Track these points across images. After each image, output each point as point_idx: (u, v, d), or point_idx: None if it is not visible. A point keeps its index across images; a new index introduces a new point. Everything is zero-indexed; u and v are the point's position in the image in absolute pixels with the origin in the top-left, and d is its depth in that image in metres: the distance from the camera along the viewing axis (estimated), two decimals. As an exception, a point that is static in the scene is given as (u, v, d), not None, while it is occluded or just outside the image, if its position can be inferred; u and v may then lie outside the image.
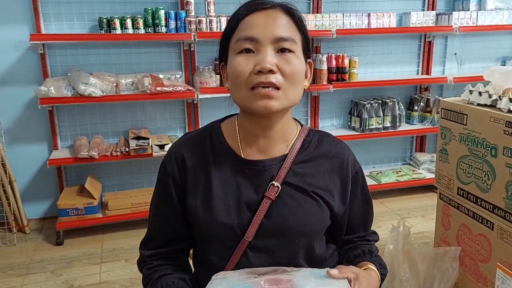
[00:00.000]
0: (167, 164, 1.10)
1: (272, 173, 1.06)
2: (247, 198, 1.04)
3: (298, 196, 1.06)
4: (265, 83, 0.96)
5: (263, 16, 0.99)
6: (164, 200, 1.10)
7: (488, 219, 1.86)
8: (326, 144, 1.13)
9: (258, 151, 1.08)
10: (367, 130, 3.78)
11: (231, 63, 1.01)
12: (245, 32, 0.98)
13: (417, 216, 3.55)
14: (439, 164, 2.14)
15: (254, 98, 0.98)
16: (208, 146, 1.09)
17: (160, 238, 1.13)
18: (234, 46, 1.00)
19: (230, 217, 1.03)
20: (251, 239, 1.03)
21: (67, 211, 3.16)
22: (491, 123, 1.80)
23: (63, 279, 2.77)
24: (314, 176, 1.08)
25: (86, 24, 3.24)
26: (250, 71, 0.97)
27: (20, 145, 3.35)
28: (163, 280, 1.08)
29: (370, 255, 1.14)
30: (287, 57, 0.99)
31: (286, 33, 0.99)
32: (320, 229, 1.09)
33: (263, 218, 1.03)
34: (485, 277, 1.90)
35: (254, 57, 0.98)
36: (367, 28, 3.65)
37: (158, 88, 3.15)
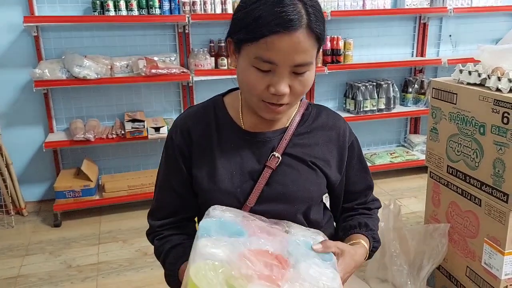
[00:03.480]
0: (173, 136, 1.14)
1: (273, 144, 1.11)
2: (249, 168, 1.10)
3: (297, 165, 1.11)
4: (277, 104, 1.01)
5: (287, 40, 0.93)
6: (173, 170, 1.14)
7: (476, 196, 1.90)
8: (324, 117, 1.18)
9: (260, 124, 1.13)
10: (361, 112, 3.80)
11: (245, 68, 0.99)
12: (267, 54, 0.94)
13: (410, 196, 3.60)
14: (430, 143, 2.17)
15: (264, 110, 1.03)
16: (212, 118, 1.13)
17: (169, 208, 1.17)
18: (252, 58, 0.97)
19: (233, 185, 1.09)
20: (252, 205, 1.08)
21: (64, 193, 3.19)
22: (480, 102, 1.83)
23: (62, 260, 2.81)
24: (312, 147, 1.14)
25: (80, 6, 3.24)
26: (264, 88, 0.99)
27: (15, 129, 3.37)
28: (175, 251, 1.12)
29: (366, 227, 1.19)
30: (302, 78, 1.00)
31: (306, 58, 0.97)
32: (316, 196, 1.14)
33: (264, 186, 1.09)
34: (473, 252, 1.95)
35: (270, 76, 0.97)
36: (362, 9, 3.65)
37: (153, 71, 3.15)
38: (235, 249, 0.87)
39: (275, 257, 0.88)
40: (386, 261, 2.07)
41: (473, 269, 1.96)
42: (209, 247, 0.87)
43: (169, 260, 1.13)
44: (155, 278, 2.57)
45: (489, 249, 1.85)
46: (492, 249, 1.83)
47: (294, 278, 0.83)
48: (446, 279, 2.15)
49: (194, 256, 0.87)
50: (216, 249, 0.86)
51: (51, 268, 2.72)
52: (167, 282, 1.16)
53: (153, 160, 3.65)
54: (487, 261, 1.86)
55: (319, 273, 0.86)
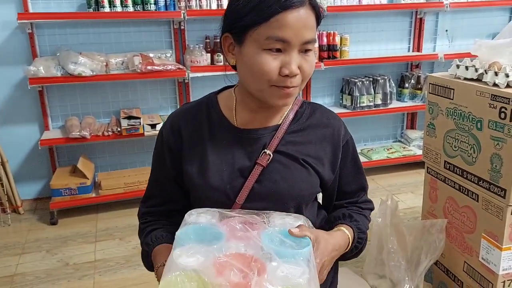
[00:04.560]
0: (163, 132, 1.16)
1: (265, 142, 1.11)
2: (240, 165, 1.10)
3: (288, 163, 1.11)
4: (290, 86, 1.01)
5: (296, 16, 0.96)
6: (159, 165, 1.18)
7: (474, 191, 1.90)
8: (318, 115, 1.17)
9: (253, 121, 1.13)
10: (358, 108, 3.79)
11: (254, 55, 0.99)
12: (279, 32, 0.96)
13: (407, 192, 3.60)
14: (427, 139, 2.16)
15: (274, 94, 1.02)
16: (205, 115, 1.14)
17: (156, 199, 1.21)
18: (262, 41, 0.97)
19: (223, 182, 1.09)
20: (242, 202, 1.08)
21: (60, 191, 3.17)
22: (477, 97, 1.82)
23: (59, 258, 2.80)
24: (304, 145, 1.13)
25: (74, 3, 3.21)
26: (276, 71, 0.99)
27: (11, 126, 3.35)
28: (153, 234, 1.16)
29: (350, 218, 1.17)
30: (308, 57, 1.02)
31: (312, 34, 1.00)
32: (308, 194, 1.13)
33: (254, 183, 1.08)
34: (470, 247, 1.95)
35: (281, 57, 0.98)
36: (358, 4, 3.64)
37: (149, 67, 3.14)
38: (209, 256, 0.86)
39: (251, 260, 0.87)
40: (384, 257, 2.07)
41: (470, 264, 1.96)
42: (183, 257, 0.86)
43: (146, 241, 1.16)
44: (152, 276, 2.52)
45: (486, 245, 1.84)
46: (489, 244, 1.83)
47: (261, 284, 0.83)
48: (443, 275, 2.15)
49: (168, 267, 0.86)
50: (189, 258, 0.86)
51: (48, 266, 2.71)
52: (143, 262, 1.21)
53: (149, 157, 3.58)
54: (484, 256, 1.86)
55: (286, 272, 0.85)
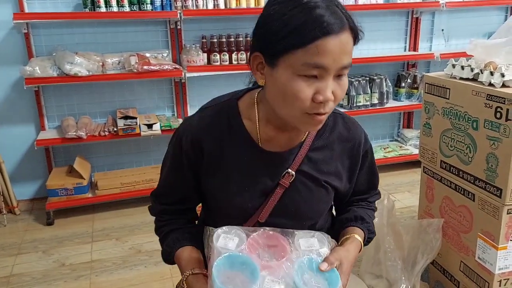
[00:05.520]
0: (183, 141, 1.11)
1: (289, 160, 1.09)
2: (262, 185, 1.09)
3: (310, 185, 1.11)
4: (323, 113, 0.96)
5: (337, 43, 0.91)
6: (177, 171, 1.15)
7: (470, 191, 1.90)
8: (341, 127, 1.15)
9: (277, 139, 1.10)
10: (354, 107, 3.80)
11: (288, 81, 0.93)
12: (318, 59, 0.90)
13: (404, 191, 3.61)
14: (423, 138, 2.17)
15: (307, 122, 0.98)
16: (226, 129, 1.09)
17: (171, 198, 1.20)
18: (298, 66, 0.92)
19: (245, 201, 1.09)
20: (263, 220, 1.10)
21: (57, 191, 3.17)
22: (473, 97, 1.83)
23: (55, 258, 2.79)
24: (327, 163, 1.12)
25: (70, 3, 3.20)
26: (310, 98, 0.94)
27: (7, 127, 3.33)
28: (174, 235, 1.17)
29: (362, 221, 1.21)
30: (342, 82, 0.97)
31: (349, 59, 0.95)
32: (323, 212, 1.17)
33: (276, 203, 1.10)
34: (466, 247, 1.95)
35: (316, 83, 0.93)
36: (354, 4, 3.64)
37: (145, 67, 3.13)
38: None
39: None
40: (381, 256, 2.07)
41: (467, 263, 1.96)
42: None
43: (167, 242, 1.17)
44: (149, 276, 2.56)
45: (482, 244, 1.85)
46: (485, 243, 1.83)
47: None
48: (440, 274, 2.15)
49: None
50: None
51: (44, 267, 2.71)
52: (163, 259, 1.21)
53: (146, 157, 3.63)
54: (481, 255, 1.87)
55: None
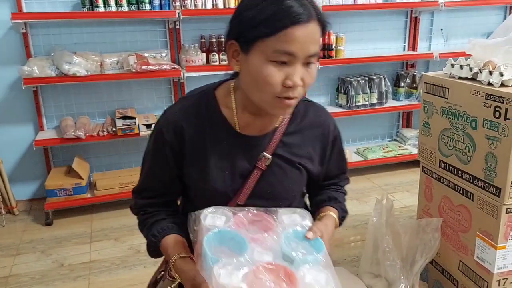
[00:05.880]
0: (164, 131, 1.16)
1: (264, 145, 1.17)
2: (240, 168, 1.17)
3: (285, 167, 1.19)
4: (292, 97, 1.04)
5: (305, 31, 0.99)
6: (160, 162, 1.19)
7: (469, 190, 1.90)
8: (312, 114, 1.23)
9: (253, 125, 1.17)
10: (354, 107, 3.80)
11: (260, 66, 1.01)
12: (287, 46, 0.99)
13: (403, 191, 3.61)
14: (422, 138, 2.16)
15: (277, 106, 1.05)
16: (205, 116, 1.16)
17: (154, 191, 1.24)
18: (269, 53, 1.00)
19: (225, 185, 1.16)
20: (242, 202, 1.17)
21: (55, 192, 3.16)
22: (472, 96, 1.82)
23: (53, 259, 2.79)
24: (299, 147, 1.21)
25: (69, 2, 3.19)
26: (280, 82, 1.01)
27: (5, 127, 3.33)
28: (159, 225, 1.20)
29: (334, 201, 1.29)
30: (311, 69, 1.05)
31: (317, 48, 1.03)
32: (298, 192, 1.26)
33: (254, 185, 1.17)
34: (465, 246, 1.95)
35: (286, 68, 1.01)
36: (353, 4, 3.64)
37: (144, 67, 3.13)
38: (245, 271, 0.94)
39: (281, 270, 0.96)
40: (379, 256, 2.07)
41: (466, 263, 1.96)
42: (224, 275, 0.93)
43: (152, 232, 1.20)
44: (148, 276, 2.53)
45: (481, 243, 1.85)
46: (484, 243, 1.83)
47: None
48: (439, 274, 2.15)
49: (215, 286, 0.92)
50: (230, 277, 0.93)
51: (43, 267, 2.70)
52: (148, 252, 1.26)
53: (145, 157, 3.61)
54: (479, 255, 1.87)
55: (315, 278, 0.97)
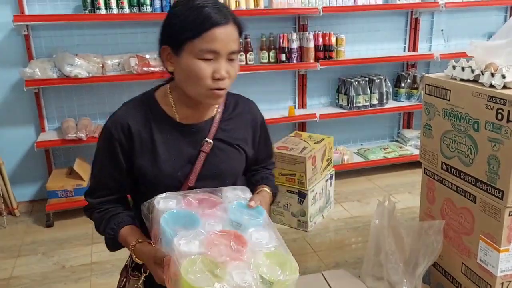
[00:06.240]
0: (113, 131, 1.27)
1: (205, 132, 1.32)
2: (186, 154, 1.30)
3: (226, 148, 1.34)
4: (221, 88, 1.22)
5: (224, 32, 1.18)
6: (111, 160, 1.29)
7: (471, 193, 1.90)
8: (241, 104, 1.42)
9: (191, 115, 1.32)
10: (354, 107, 3.80)
11: (191, 64, 1.19)
12: (210, 45, 1.17)
13: (405, 192, 3.61)
14: (424, 140, 2.16)
15: (210, 97, 1.23)
16: (149, 113, 1.30)
17: (106, 189, 1.33)
18: (196, 52, 1.17)
19: (175, 170, 1.28)
20: (192, 184, 1.29)
21: (57, 193, 3.16)
22: (474, 98, 1.82)
23: (55, 261, 2.79)
24: (235, 131, 1.37)
25: (70, 4, 3.20)
26: (210, 76, 1.19)
27: (6, 128, 3.33)
28: (115, 219, 1.30)
29: (266, 180, 1.48)
30: (233, 64, 1.23)
31: (237, 46, 1.22)
32: (240, 170, 1.42)
33: (201, 167, 1.30)
34: (468, 249, 1.95)
35: (213, 64, 1.19)
36: (353, 5, 3.64)
37: (145, 69, 3.13)
38: (201, 239, 1.06)
39: (232, 235, 1.10)
40: (382, 258, 2.07)
41: (468, 266, 1.96)
42: (183, 245, 1.04)
43: (110, 226, 1.28)
44: (149, 278, 2.55)
45: (484, 246, 1.85)
46: (487, 246, 1.83)
47: (250, 250, 1.07)
48: (441, 276, 2.15)
49: (177, 257, 1.01)
50: (189, 245, 1.04)
51: (44, 269, 2.70)
52: (107, 245, 1.33)
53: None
54: (482, 258, 1.87)
55: (260, 237, 1.13)
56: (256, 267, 1.04)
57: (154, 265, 1.12)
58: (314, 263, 2.70)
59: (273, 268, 1.06)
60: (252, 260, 1.05)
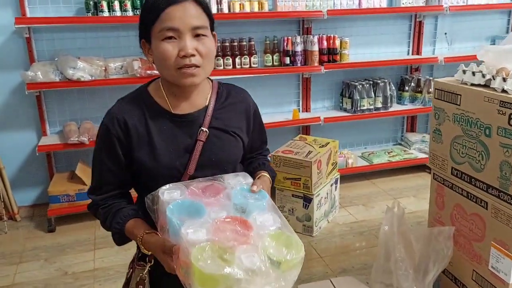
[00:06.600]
0: (110, 127, 1.29)
1: (200, 121, 1.34)
2: (183, 144, 1.31)
3: (222, 135, 1.36)
4: (189, 65, 1.22)
5: (180, 9, 1.20)
6: (110, 156, 1.31)
7: (483, 199, 1.87)
8: (233, 94, 1.43)
9: (184, 105, 1.34)
10: (358, 111, 3.77)
11: (157, 47, 1.22)
12: (168, 23, 1.20)
13: (410, 196, 3.58)
14: (433, 145, 2.14)
15: (181, 76, 1.23)
16: (143, 107, 1.31)
17: (108, 185, 1.35)
18: (158, 34, 1.21)
19: (173, 160, 1.29)
20: (192, 173, 1.30)
21: (59, 198, 3.13)
22: (485, 103, 1.80)
23: (57, 267, 2.75)
24: (230, 119, 1.39)
25: (72, 7, 3.17)
26: (176, 55, 1.21)
27: (7, 132, 3.30)
28: (120, 213, 1.31)
29: (264, 166, 1.50)
30: (203, 41, 1.24)
31: (199, 22, 1.23)
32: (239, 157, 1.43)
33: (199, 156, 1.31)
34: (479, 256, 1.92)
35: (177, 43, 1.21)
36: (358, 8, 3.62)
37: (148, 72, 3.10)
38: (208, 227, 1.08)
39: (237, 220, 1.12)
40: (391, 265, 2.04)
41: (479, 273, 1.93)
42: (191, 233, 1.06)
43: (115, 220, 1.30)
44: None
45: (496, 253, 1.82)
46: (499, 253, 1.80)
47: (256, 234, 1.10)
48: (451, 283, 2.12)
49: (186, 245, 1.04)
50: (196, 234, 1.06)
51: (47, 275, 2.67)
52: (114, 240, 1.36)
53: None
54: (494, 265, 1.84)
55: (264, 220, 1.15)
56: (263, 249, 1.07)
57: (163, 254, 1.14)
58: (320, 269, 2.67)
59: (279, 248, 1.10)
60: (258, 243, 1.08)
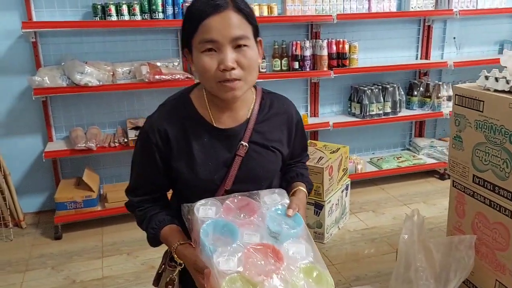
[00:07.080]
0: (150, 134, 1.29)
1: (240, 135, 1.31)
2: (222, 158, 1.30)
3: (261, 151, 1.33)
4: (230, 79, 1.17)
5: (219, 19, 1.15)
6: (149, 163, 1.32)
7: (507, 207, 1.83)
8: (277, 104, 1.39)
9: (226, 118, 1.31)
10: (367, 116, 3.73)
11: (197, 59, 1.19)
12: (206, 35, 1.16)
13: (419, 201, 3.54)
14: (453, 152, 2.10)
15: (222, 90, 1.20)
16: (184, 117, 1.30)
17: (145, 189, 1.38)
18: (198, 45, 1.17)
19: (211, 173, 1.29)
20: (228, 188, 1.30)
21: (65, 205, 3.07)
22: (510, 110, 1.76)
23: (65, 275, 2.70)
24: (271, 132, 1.36)
25: (80, 11, 3.13)
26: (216, 67, 1.17)
27: (13, 138, 3.24)
28: (155, 218, 1.34)
29: (302, 176, 1.47)
30: (244, 52, 1.18)
31: (240, 31, 1.17)
32: (276, 171, 1.40)
33: (237, 171, 1.30)
34: (503, 265, 1.88)
35: (217, 55, 1.17)
36: (367, 12, 3.59)
37: (157, 77, 3.06)
38: (239, 256, 1.09)
39: (269, 248, 1.12)
40: (411, 274, 1.99)
41: (503, 282, 1.89)
42: (222, 262, 1.07)
43: (151, 225, 1.33)
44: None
45: (522, 263, 1.78)
46: (526, 263, 1.76)
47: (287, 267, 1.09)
48: (472, 293, 2.08)
49: (216, 276, 1.05)
50: (228, 263, 1.08)
51: (54, 284, 2.62)
52: (149, 243, 1.38)
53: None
54: (520, 275, 1.80)
55: (297, 251, 1.14)
56: (293, 286, 1.07)
57: (195, 271, 1.16)
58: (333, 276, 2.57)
59: (309, 284, 1.09)
60: (289, 278, 1.07)
